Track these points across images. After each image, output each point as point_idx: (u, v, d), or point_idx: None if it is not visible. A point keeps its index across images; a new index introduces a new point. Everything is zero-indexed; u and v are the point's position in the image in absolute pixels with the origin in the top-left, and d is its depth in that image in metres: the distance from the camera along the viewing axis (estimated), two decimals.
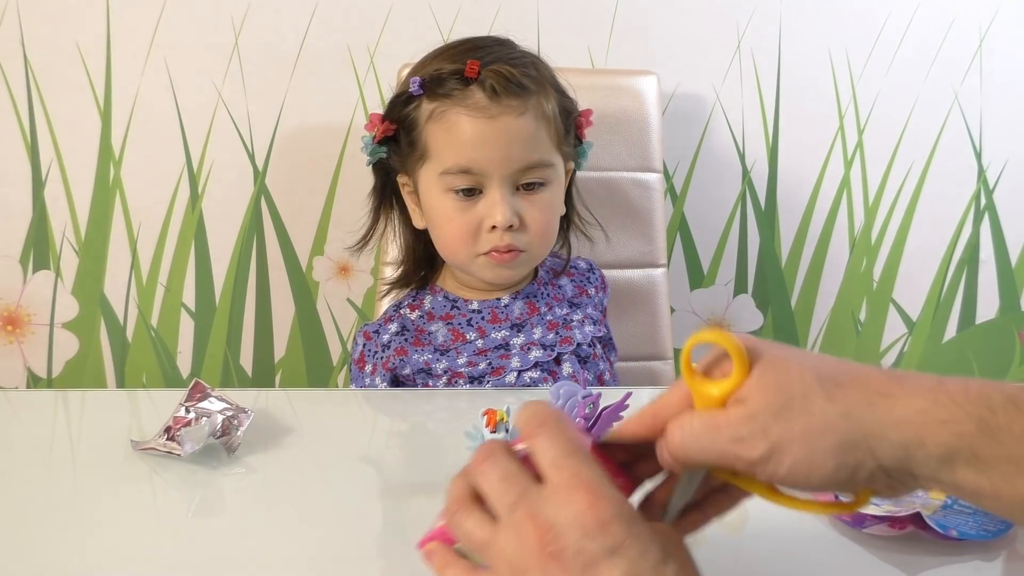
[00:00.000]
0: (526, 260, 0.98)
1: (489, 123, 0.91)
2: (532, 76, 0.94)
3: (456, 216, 0.94)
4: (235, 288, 1.49)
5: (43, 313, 1.48)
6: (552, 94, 0.96)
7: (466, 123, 0.91)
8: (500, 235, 0.93)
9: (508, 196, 0.93)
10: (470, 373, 0.96)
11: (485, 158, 0.91)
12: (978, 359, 1.63)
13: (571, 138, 1.01)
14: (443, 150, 0.93)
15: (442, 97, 0.92)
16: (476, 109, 0.91)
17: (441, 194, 0.95)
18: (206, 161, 1.44)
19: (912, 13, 1.46)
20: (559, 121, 0.96)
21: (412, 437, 0.84)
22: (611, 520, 0.39)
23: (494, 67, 0.91)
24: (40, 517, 0.62)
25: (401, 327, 1.00)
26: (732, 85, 1.47)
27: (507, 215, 0.92)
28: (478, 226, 0.94)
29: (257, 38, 1.39)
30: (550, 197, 0.97)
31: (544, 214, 0.96)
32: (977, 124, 1.51)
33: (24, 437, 0.78)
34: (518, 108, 0.92)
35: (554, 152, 0.96)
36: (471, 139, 0.91)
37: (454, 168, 0.93)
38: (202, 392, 0.75)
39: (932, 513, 0.62)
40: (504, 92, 0.91)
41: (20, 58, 1.37)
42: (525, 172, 0.93)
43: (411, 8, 1.39)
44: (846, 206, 1.54)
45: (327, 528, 0.62)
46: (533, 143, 0.93)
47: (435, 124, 0.93)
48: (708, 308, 1.57)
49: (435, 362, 0.97)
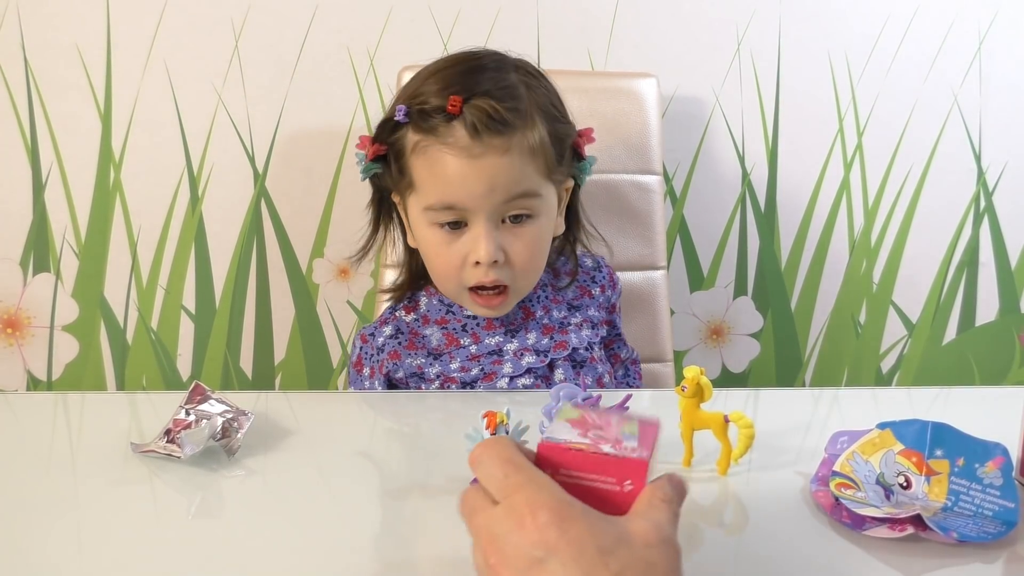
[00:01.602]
0: (512, 294, 0.97)
1: (471, 163, 0.89)
2: (518, 109, 0.91)
3: (442, 249, 0.94)
4: (235, 290, 1.49)
5: (43, 316, 1.48)
6: (540, 125, 0.93)
7: (449, 161, 0.90)
8: (484, 270, 0.93)
9: (492, 231, 0.92)
10: (462, 378, 0.96)
11: (468, 196, 0.90)
12: (978, 361, 1.63)
13: (565, 161, 0.98)
14: (427, 186, 0.93)
15: (426, 131, 0.91)
16: (458, 148, 0.89)
17: (427, 227, 0.95)
18: (206, 164, 1.44)
19: (911, 16, 1.46)
20: (548, 150, 0.94)
21: (412, 439, 0.84)
22: (545, 527, 0.41)
23: (477, 102, 0.89)
24: (40, 520, 0.62)
25: (396, 330, 1.00)
26: (732, 87, 1.47)
27: (490, 251, 0.91)
28: (463, 260, 0.93)
29: (257, 41, 1.39)
30: (537, 229, 0.95)
31: (529, 248, 0.94)
32: (976, 127, 1.52)
33: (24, 440, 0.77)
34: (501, 147, 0.90)
35: (542, 182, 0.94)
36: (453, 177, 0.90)
37: (437, 205, 0.92)
38: (202, 394, 0.75)
39: (932, 515, 0.62)
40: (486, 130, 0.89)
41: (20, 61, 1.38)
42: (510, 204, 0.92)
43: (411, 11, 1.39)
44: (846, 208, 1.54)
45: (327, 530, 0.62)
46: (518, 178, 0.91)
47: (419, 158, 0.92)
48: (708, 310, 1.57)
49: (428, 367, 0.97)
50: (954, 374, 1.63)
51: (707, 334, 1.58)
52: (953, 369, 1.63)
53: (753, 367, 1.61)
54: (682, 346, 1.57)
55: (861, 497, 0.64)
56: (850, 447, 0.68)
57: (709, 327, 1.58)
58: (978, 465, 0.65)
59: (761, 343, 1.60)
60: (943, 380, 1.62)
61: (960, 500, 0.64)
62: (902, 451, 0.67)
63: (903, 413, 0.69)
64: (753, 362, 1.61)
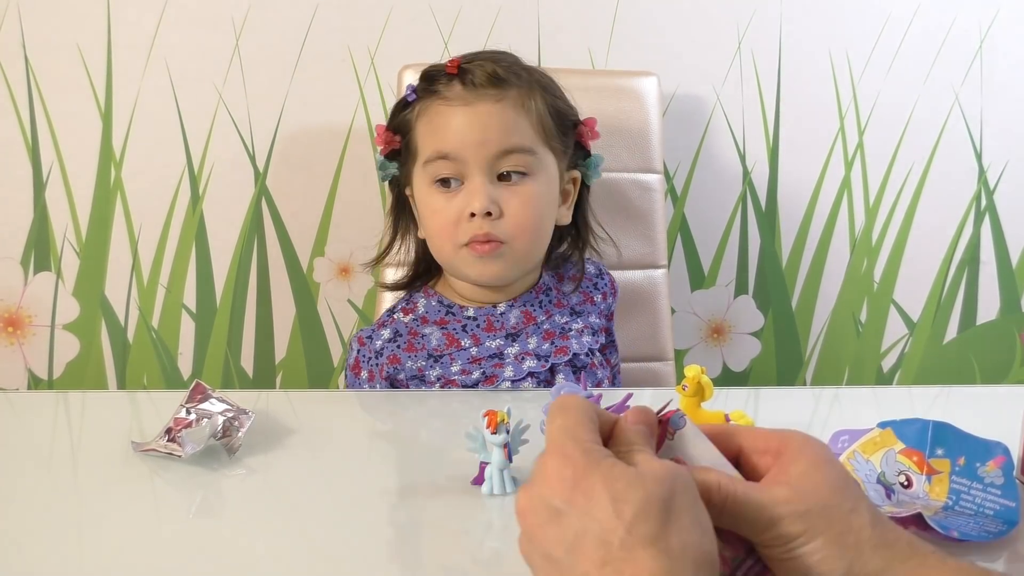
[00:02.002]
0: (508, 254, 0.96)
1: (465, 109, 0.94)
2: (517, 74, 0.96)
3: (440, 208, 0.96)
4: (236, 289, 1.49)
5: (44, 314, 1.48)
6: (540, 93, 0.97)
7: (445, 112, 0.95)
8: (479, 223, 0.93)
9: (487, 184, 0.94)
10: (463, 381, 0.96)
11: (461, 143, 0.93)
12: (979, 360, 1.63)
13: (568, 140, 1.01)
14: (425, 141, 0.97)
15: (429, 94, 0.97)
16: (455, 99, 0.95)
17: (428, 188, 0.97)
18: (207, 162, 1.44)
19: (912, 14, 1.46)
20: (546, 117, 0.97)
21: (413, 439, 0.84)
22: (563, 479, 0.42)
23: (477, 62, 0.96)
24: (41, 518, 0.62)
25: (394, 333, 1.00)
26: (732, 86, 1.47)
27: (484, 202, 0.93)
28: (459, 216, 0.94)
29: (258, 39, 1.39)
30: (533, 188, 0.96)
31: (524, 205, 0.95)
32: (977, 125, 1.51)
33: (25, 438, 0.78)
34: (495, 96, 0.94)
35: (537, 142, 0.96)
36: (448, 126, 0.94)
37: (433, 155, 0.95)
38: (203, 393, 0.75)
39: (933, 514, 0.62)
40: (482, 83, 0.94)
41: (21, 59, 1.38)
42: (503, 158, 0.94)
43: (411, 9, 1.39)
44: (847, 207, 1.54)
45: (328, 529, 0.62)
46: (510, 129, 0.94)
47: (421, 120, 0.98)
48: (709, 309, 1.57)
49: (428, 369, 0.97)
50: (955, 373, 1.63)
51: (708, 333, 1.58)
52: (954, 368, 1.63)
53: (754, 366, 1.61)
54: (683, 345, 1.57)
55: None
56: (851, 446, 0.68)
57: (710, 326, 1.58)
58: (979, 464, 0.65)
59: (762, 342, 1.60)
60: (944, 379, 1.62)
61: (961, 499, 0.64)
62: (903, 450, 0.67)
63: (904, 412, 0.69)
64: (754, 361, 1.61)
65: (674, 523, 0.40)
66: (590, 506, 0.40)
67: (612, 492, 0.41)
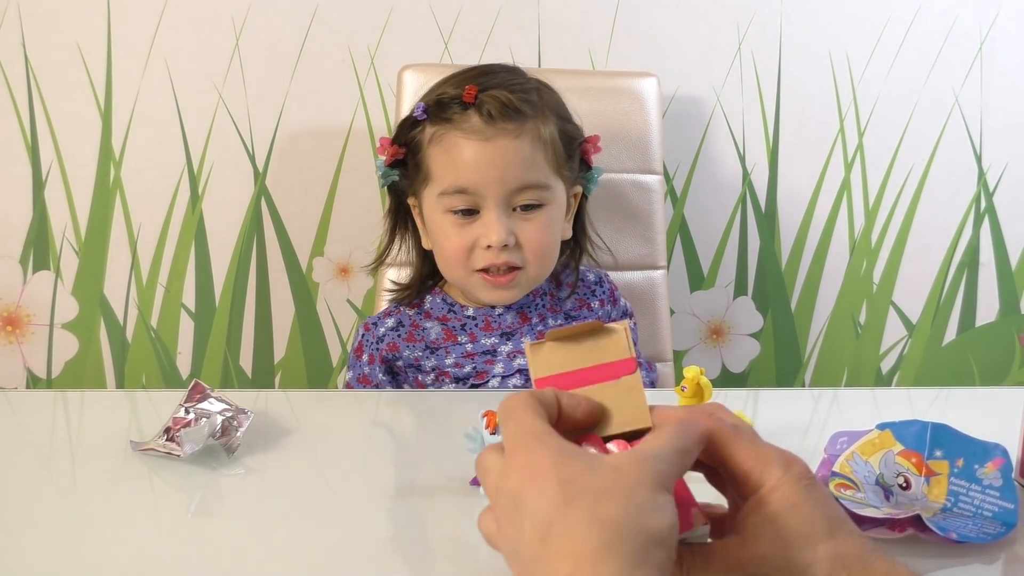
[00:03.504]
0: (523, 281, 0.99)
1: (484, 145, 0.94)
2: (531, 102, 0.97)
3: (453, 234, 0.97)
4: (235, 289, 1.49)
5: (43, 313, 1.48)
6: (552, 120, 0.98)
7: (463, 145, 0.95)
8: (496, 253, 0.95)
9: (503, 217, 0.95)
10: (456, 373, 0.99)
11: (481, 179, 0.94)
12: (978, 362, 1.63)
13: (574, 163, 1.03)
14: (442, 172, 0.97)
15: (443, 121, 0.96)
16: (472, 132, 0.94)
17: (441, 215, 0.98)
18: (206, 162, 1.44)
19: (912, 16, 1.46)
20: (559, 146, 0.98)
21: (411, 438, 0.84)
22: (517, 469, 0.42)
23: (492, 92, 0.95)
24: (39, 517, 0.62)
25: (398, 323, 1.04)
26: (732, 87, 1.47)
27: (501, 235, 0.94)
28: (473, 244, 0.96)
29: (258, 39, 1.39)
30: (547, 218, 0.98)
31: (540, 233, 0.97)
32: (977, 127, 1.52)
33: (23, 437, 0.78)
34: (514, 131, 0.95)
35: (551, 175, 0.98)
36: (467, 161, 0.95)
37: (451, 189, 0.96)
38: (202, 393, 0.75)
39: (932, 516, 0.62)
40: (500, 116, 0.94)
41: (21, 59, 1.38)
42: (520, 193, 0.96)
43: (411, 10, 1.39)
44: (846, 208, 1.54)
45: (327, 529, 0.62)
46: (528, 165, 0.95)
47: (435, 147, 0.97)
48: (708, 310, 1.57)
49: (424, 359, 1.00)
50: (954, 375, 1.63)
51: (707, 334, 1.58)
52: (953, 370, 1.63)
53: (753, 367, 1.61)
54: (682, 346, 1.57)
55: (861, 498, 0.64)
56: (850, 448, 0.68)
57: (709, 327, 1.58)
58: (978, 466, 0.65)
59: (761, 343, 1.60)
60: (943, 381, 1.62)
61: (960, 501, 0.64)
62: (902, 452, 0.67)
63: (903, 414, 0.69)
64: (753, 362, 1.61)
65: (620, 499, 0.40)
66: (541, 489, 0.41)
67: (563, 474, 0.41)
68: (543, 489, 0.41)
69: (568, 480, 0.40)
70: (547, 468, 0.41)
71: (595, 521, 0.39)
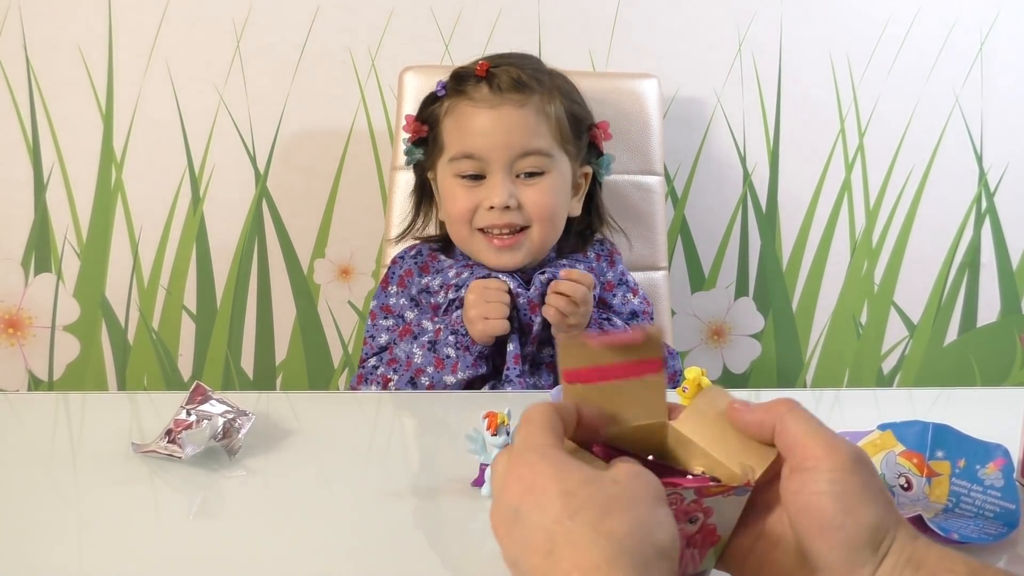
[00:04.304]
0: (527, 244, 1.04)
1: (490, 112, 1.02)
2: (540, 80, 1.04)
3: (460, 195, 1.04)
4: (236, 291, 1.49)
5: (44, 316, 1.48)
6: (559, 99, 1.05)
7: (471, 113, 1.03)
8: (498, 214, 1.01)
9: (506, 181, 1.02)
10: (458, 283, 1.02)
11: (485, 144, 1.02)
12: (979, 362, 1.63)
13: (581, 143, 1.08)
14: (452, 139, 1.05)
15: (457, 93, 1.05)
16: (481, 101, 1.03)
17: (451, 179, 1.05)
18: (207, 164, 1.44)
19: (913, 16, 1.46)
20: (564, 122, 1.05)
21: (413, 440, 0.84)
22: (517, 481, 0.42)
23: (503, 67, 1.03)
24: (41, 519, 0.62)
25: (418, 252, 1.13)
26: (733, 88, 1.47)
27: (503, 196, 1.01)
28: (477, 205, 1.04)
29: (259, 41, 1.39)
30: (549, 183, 1.04)
31: (543, 196, 1.03)
32: (978, 127, 1.52)
33: (25, 440, 0.78)
34: (519, 101, 1.02)
35: (554, 146, 1.04)
36: (474, 128, 1.03)
37: (459, 154, 1.04)
38: (203, 395, 0.75)
39: (933, 516, 0.62)
40: (508, 88, 1.02)
41: (22, 60, 1.38)
42: (523, 159, 1.02)
43: (412, 11, 1.39)
44: (847, 209, 1.54)
45: (328, 531, 0.62)
46: (532, 133, 1.02)
47: (449, 118, 1.05)
48: (709, 311, 1.57)
49: (432, 281, 1.06)
50: (955, 375, 1.63)
51: (708, 335, 1.58)
52: (954, 370, 1.63)
53: (754, 368, 1.61)
54: (683, 347, 1.57)
55: None
56: None
57: (710, 328, 1.58)
58: (979, 466, 0.65)
59: (762, 344, 1.60)
60: (944, 381, 1.62)
61: (961, 501, 0.64)
62: (903, 452, 0.67)
63: (904, 414, 0.69)
64: (754, 363, 1.61)
65: (624, 513, 0.40)
66: (542, 502, 0.41)
67: (563, 487, 0.41)
68: (544, 503, 0.41)
69: (569, 492, 0.40)
70: (548, 481, 0.41)
71: (600, 535, 0.39)
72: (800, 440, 0.44)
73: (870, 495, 0.43)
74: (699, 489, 0.44)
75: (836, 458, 0.43)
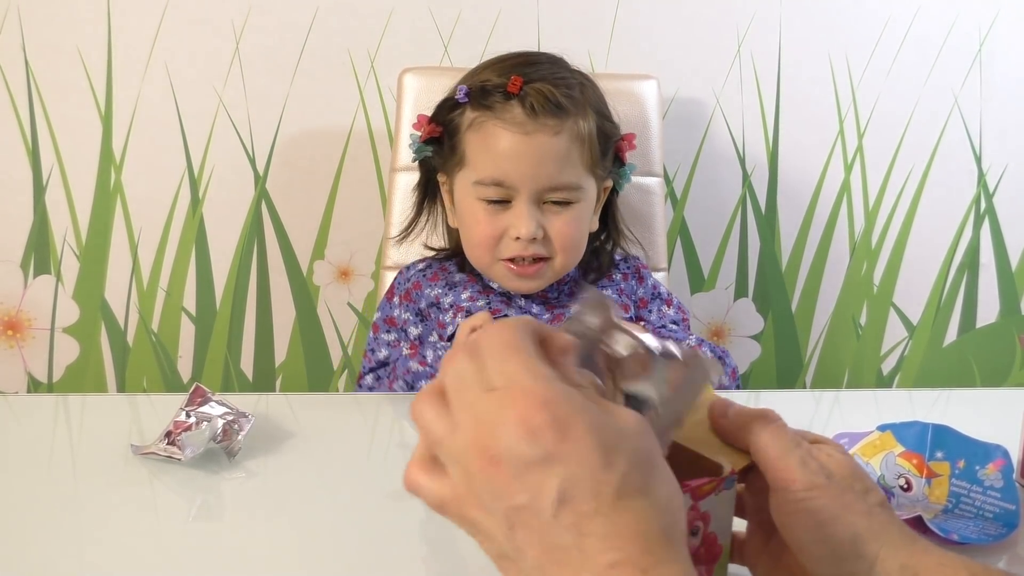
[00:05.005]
0: (549, 273, 1.00)
1: (524, 139, 0.95)
2: (573, 97, 0.97)
3: (484, 221, 0.98)
4: (236, 292, 1.49)
5: (44, 318, 1.48)
6: (592, 116, 0.99)
7: (502, 136, 0.95)
8: (523, 245, 0.97)
9: (534, 210, 0.97)
10: (469, 307, 1.01)
11: (517, 172, 0.95)
12: (978, 363, 1.63)
13: (608, 160, 1.03)
14: (478, 160, 0.98)
15: (484, 108, 0.97)
16: (514, 124, 0.95)
17: (473, 201, 0.99)
18: (207, 165, 1.44)
19: (912, 17, 1.46)
20: (595, 143, 0.99)
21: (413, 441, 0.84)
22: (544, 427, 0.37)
23: (537, 85, 0.95)
24: (40, 521, 0.62)
25: (427, 265, 1.09)
26: (732, 89, 1.47)
27: (531, 228, 0.96)
28: (503, 233, 0.98)
29: (258, 43, 1.39)
30: (576, 213, 0.99)
31: (569, 226, 0.99)
32: (977, 128, 1.52)
33: (24, 442, 0.78)
34: (554, 127, 0.95)
35: (584, 175, 0.99)
36: (505, 152, 0.95)
37: (487, 179, 0.97)
38: (203, 396, 0.75)
39: (933, 517, 0.62)
40: (542, 111, 0.94)
41: (21, 62, 1.38)
42: (553, 190, 0.97)
43: (411, 13, 1.39)
44: (846, 210, 1.54)
45: (328, 532, 0.62)
46: (564, 163, 0.96)
47: (474, 133, 0.98)
48: (709, 312, 1.57)
49: (443, 296, 1.03)
50: (955, 376, 1.63)
51: (708, 335, 1.58)
52: (954, 371, 1.63)
53: (754, 369, 1.61)
54: None
55: None
56: (851, 449, 0.68)
57: (710, 328, 1.58)
58: (979, 467, 0.65)
59: (762, 345, 1.60)
60: (944, 382, 1.62)
61: (961, 502, 0.64)
62: (903, 453, 0.67)
63: (904, 415, 0.69)
64: (754, 364, 1.61)
65: (658, 475, 0.39)
66: (581, 455, 0.37)
67: (602, 441, 0.38)
68: (584, 455, 0.37)
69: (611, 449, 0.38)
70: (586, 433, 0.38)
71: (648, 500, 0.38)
72: (773, 463, 0.45)
73: (845, 507, 0.44)
74: (694, 491, 0.44)
75: (808, 478, 0.45)
